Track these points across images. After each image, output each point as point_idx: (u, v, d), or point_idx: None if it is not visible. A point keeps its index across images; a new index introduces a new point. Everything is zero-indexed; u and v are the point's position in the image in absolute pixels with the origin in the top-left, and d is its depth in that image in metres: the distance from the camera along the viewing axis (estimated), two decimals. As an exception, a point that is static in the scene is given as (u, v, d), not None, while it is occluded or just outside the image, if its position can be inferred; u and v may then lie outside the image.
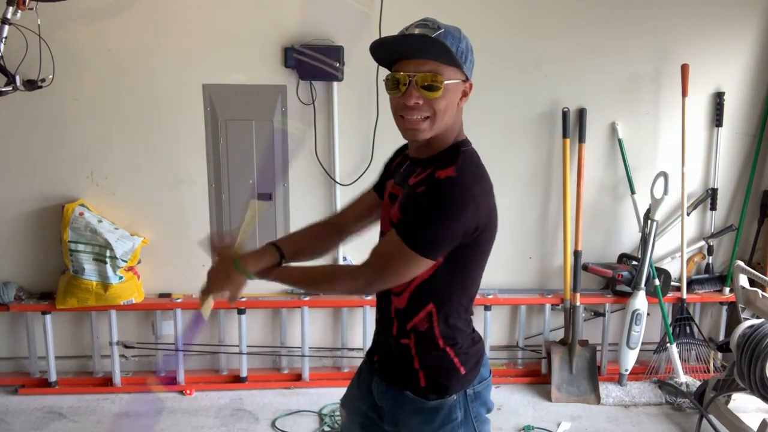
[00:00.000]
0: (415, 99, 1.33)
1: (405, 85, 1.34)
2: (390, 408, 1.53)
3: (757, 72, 3.36)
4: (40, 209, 3.16)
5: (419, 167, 1.43)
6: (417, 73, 1.33)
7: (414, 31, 1.36)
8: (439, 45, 1.32)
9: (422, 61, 1.34)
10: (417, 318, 1.47)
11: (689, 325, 3.40)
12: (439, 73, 1.33)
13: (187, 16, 3.06)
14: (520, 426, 2.98)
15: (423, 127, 1.36)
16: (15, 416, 2.98)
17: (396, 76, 1.35)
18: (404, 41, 1.35)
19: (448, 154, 1.41)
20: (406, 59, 1.35)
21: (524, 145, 3.34)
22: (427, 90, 1.33)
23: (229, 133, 3.18)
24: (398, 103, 1.36)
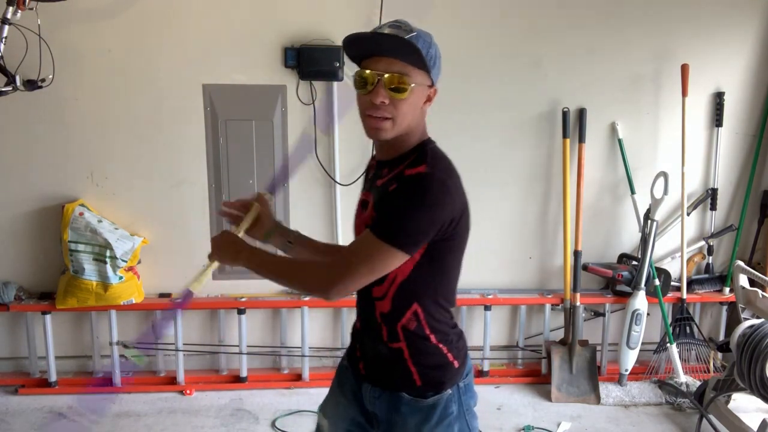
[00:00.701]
0: (382, 98, 1.34)
1: (373, 84, 1.35)
2: (384, 413, 1.51)
3: (757, 72, 3.36)
4: (40, 209, 3.16)
5: (385, 168, 1.45)
6: (386, 73, 1.34)
7: (386, 31, 1.36)
8: (411, 46, 1.33)
9: (392, 60, 1.35)
10: (404, 318, 1.47)
11: (689, 325, 3.40)
12: (407, 74, 1.35)
13: (187, 16, 3.06)
14: (520, 426, 2.98)
15: (385, 126, 1.37)
16: (15, 416, 2.97)
17: (364, 74, 1.36)
18: (378, 39, 1.35)
19: (414, 153, 1.43)
20: (376, 57, 1.36)
21: (524, 145, 3.34)
22: (393, 91, 1.34)
23: (229, 133, 3.18)
24: (365, 100, 1.37)
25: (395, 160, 1.44)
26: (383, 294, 1.46)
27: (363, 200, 1.52)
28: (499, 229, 3.42)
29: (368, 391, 1.53)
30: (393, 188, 1.38)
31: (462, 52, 3.21)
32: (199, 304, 3.26)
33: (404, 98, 1.35)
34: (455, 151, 3.66)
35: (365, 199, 1.51)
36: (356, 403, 1.56)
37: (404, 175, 1.39)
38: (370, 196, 1.47)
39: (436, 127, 3.64)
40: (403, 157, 1.43)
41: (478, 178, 3.34)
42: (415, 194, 1.34)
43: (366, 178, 1.58)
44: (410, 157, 1.42)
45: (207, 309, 3.32)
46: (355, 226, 1.54)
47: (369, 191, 1.50)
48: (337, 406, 1.61)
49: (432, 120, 3.59)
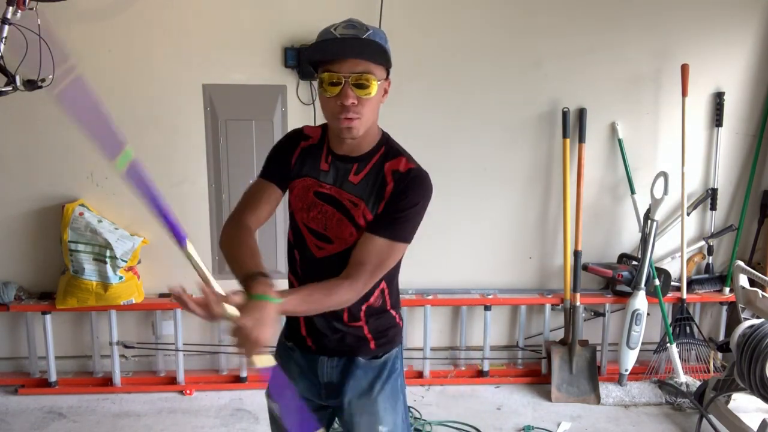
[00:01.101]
0: (352, 99, 1.39)
1: (340, 85, 1.39)
2: (339, 378, 1.61)
3: (757, 72, 3.36)
4: (40, 209, 3.16)
5: (355, 164, 1.51)
6: (352, 74, 1.39)
7: (345, 32, 1.41)
8: (376, 46, 1.40)
9: (356, 61, 1.39)
10: (372, 298, 1.57)
11: (689, 325, 3.40)
12: (370, 72, 1.40)
13: (187, 16, 3.06)
14: (520, 426, 2.98)
15: (356, 125, 1.42)
16: (15, 416, 2.98)
17: (333, 78, 1.39)
18: (348, 43, 1.40)
19: (381, 146, 1.52)
20: (340, 60, 1.39)
21: (524, 145, 3.34)
22: (360, 89, 1.39)
23: (229, 133, 3.18)
24: (333, 103, 1.40)
25: (365, 156, 1.51)
26: None
27: (329, 195, 1.51)
28: (500, 229, 3.42)
29: (325, 363, 1.61)
30: (392, 188, 1.47)
31: (462, 53, 3.21)
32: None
33: (371, 96, 1.41)
34: (455, 150, 3.67)
35: (333, 195, 1.50)
36: (303, 380, 1.63)
37: (396, 172, 1.48)
38: (341, 192, 1.50)
39: (437, 127, 3.65)
40: (373, 151, 1.51)
41: (478, 178, 3.35)
42: (417, 194, 1.47)
43: (295, 163, 1.55)
44: (379, 150, 1.52)
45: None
46: (321, 217, 1.52)
47: (339, 186, 1.50)
48: (284, 387, 1.54)
49: (432, 120, 3.60)
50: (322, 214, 1.52)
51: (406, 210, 1.46)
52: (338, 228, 1.51)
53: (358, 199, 1.49)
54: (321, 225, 1.52)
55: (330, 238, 1.52)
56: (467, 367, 3.49)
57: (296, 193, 1.56)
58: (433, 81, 3.20)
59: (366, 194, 1.49)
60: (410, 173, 1.48)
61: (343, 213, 1.50)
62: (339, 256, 1.51)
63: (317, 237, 1.54)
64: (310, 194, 1.53)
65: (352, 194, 1.50)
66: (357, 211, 1.49)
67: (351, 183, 1.50)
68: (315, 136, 1.58)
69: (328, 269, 1.49)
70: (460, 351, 3.50)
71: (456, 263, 3.42)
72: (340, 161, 1.52)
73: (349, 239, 1.50)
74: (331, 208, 1.51)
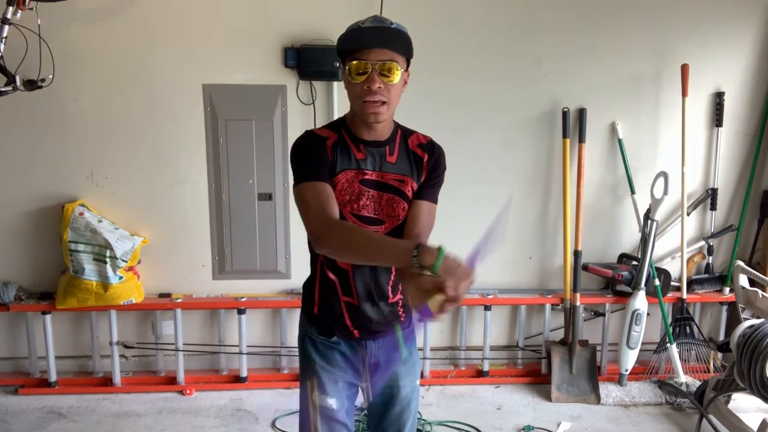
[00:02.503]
0: (378, 84, 1.50)
1: (367, 73, 1.51)
2: (386, 355, 1.74)
3: (757, 72, 3.36)
4: (40, 209, 3.16)
5: (386, 146, 1.64)
6: (378, 62, 1.51)
7: (372, 25, 1.55)
8: (401, 36, 1.55)
9: (383, 51, 1.51)
10: (395, 270, 1.67)
11: (689, 325, 3.40)
12: (395, 61, 1.52)
13: (187, 16, 3.06)
14: (520, 426, 2.98)
15: (382, 110, 1.54)
16: (15, 416, 2.97)
17: (361, 63, 1.51)
18: (373, 33, 1.53)
19: (398, 128, 1.69)
20: (367, 49, 1.51)
21: (524, 145, 3.34)
22: (386, 76, 1.51)
23: (229, 133, 3.18)
24: (362, 88, 1.52)
25: (391, 138, 1.65)
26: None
27: (376, 181, 1.61)
28: (499, 229, 3.41)
29: (371, 346, 1.72)
30: (427, 159, 1.66)
31: (462, 52, 3.21)
32: (199, 304, 3.26)
33: (396, 82, 1.53)
34: (455, 150, 3.66)
35: (378, 180, 1.61)
36: (349, 369, 1.74)
37: (421, 144, 1.68)
38: (385, 174, 1.62)
39: (437, 127, 3.64)
40: (394, 133, 1.66)
41: (478, 177, 3.35)
42: (444, 158, 1.71)
43: (335, 159, 1.60)
44: (398, 132, 1.67)
45: (207, 309, 3.33)
46: (372, 203, 1.62)
47: (380, 170, 1.62)
48: (336, 381, 1.72)
49: (433, 120, 3.60)
50: (371, 200, 1.62)
51: (441, 174, 1.69)
52: (390, 208, 1.63)
53: (403, 176, 1.64)
54: (372, 210, 1.62)
55: (382, 220, 1.63)
56: (467, 367, 3.49)
57: (340, 188, 1.60)
58: (433, 81, 3.20)
59: (408, 170, 1.65)
60: (432, 143, 1.70)
61: (393, 192, 1.63)
62: (391, 234, 1.64)
63: (369, 222, 1.62)
64: (356, 184, 1.61)
65: (395, 173, 1.63)
66: (406, 187, 1.64)
67: (390, 164, 1.63)
68: (331, 135, 1.62)
69: None
70: (460, 351, 3.50)
71: (456, 263, 3.41)
72: (373, 147, 1.62)
73: (402, 215, 1.64)
74: (377, 192, 1.62)
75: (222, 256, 3.28)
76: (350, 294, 1.68)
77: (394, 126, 1.68)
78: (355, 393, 1.79)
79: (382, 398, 1.78)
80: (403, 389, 1.77)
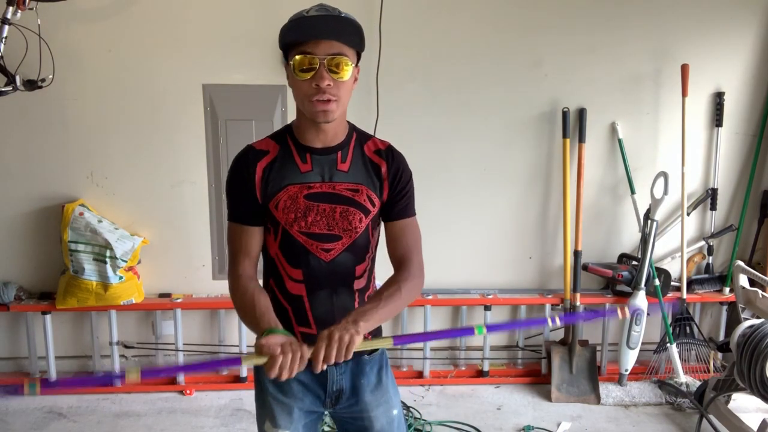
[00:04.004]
0: (328, 80, 1.35)
1: (314, 68, 1.35)
2: (350, 382, 1.57)
3: (757, 72, 3.36)
4: (40, 209, 3.16)
5: (338, 152, 1.48)
6: (327, 56, 1.35)
7: (315, 14, 1.39)
8: (352, 27, 1.39)
9: (331, 43, 1.36)
10: (371, 287, 1.58)
11: (689, 325, 3.40)
12: (345, 54, 1.37)
13: (187, 16, 3.06)
14: (520, 426, 2.98)
15: (332, 108, 1.38)
16: (15, 416, 2.98)
17: (306, 58, 1.35)
18: (319, 23, 1.37)
19: (354, 132, 1.53)
20: (313, 41, 1.35)
21: (524, 145, 3.34)
22: (335, 73, 1.36)
23: (229, 133, 3.18)
24: (309, 86, 1.37)
25: (344, 143, 1.49)
26: (363, 270, 1.54)
27: (327, 193, 1.45)
28: (499, 229, 3.42)
29: (333, 372, 1.55)
30: (386, 167, 1.50)
31: (462, 52, 3.21)
32: (199, 304, 3.26)
33: (345, 80, 1.38)
34: (455, 150, 3.66)
35: (329, 192, 1.46)
36: (308, 396, 1.56)
37: (378, 151, 1.51)
38: (343, 185, 1.47)
39: (437, 126, 3.64)
40: (348, 137, 1.51)
41: (478, 177, 3.35)
42: (407, 166, 1.55)
43: (265, 181, 1.45)
44: (353, 136, 1.52)
45: (207, 309, 3.32)
46: (338, 216, 1.46)
47: (329, 180, 1.46)
48: (290, 412, 1.55)
49: (432, 119, 3.60)
50: (321, 215, 1.46)
51: (408, 184, 1.53)
52: (344, 221, 1.47)
53: (357, 184, 1.48)
54: (324, 226, 1.47)
55: (337, 235, 1.48)
56: (467, 367, 3.49)
57: (282, 207, 1.45)
58: (433, 80, 3.20)
59: (363, 178, 1.49)
60: (392, 150, 1.53)
61: (347, 203, 1.47)
62: (350, 250, 1.50)
63: (322, 240, 1.47)
64: (301, 200, 1.45)
65: (348, 182, 1.48)
66: (360, 197, 1.48)
67: (342, 172, 1.48)
68: (271, 148, 1.49)
69: (341, 268, 1.50)
70: (460, 351, 3.50)
71: (456, 263, 3.42)
72: (322, 154, 1.47)
73: (360, 226, 1.48)
74: (329, 205, 1.46)
75: (222, 256, 3.28)
76: (306, 323, 1.51)
77: (349, 128, 1.52)
78: (316, 419, 1.63)
79: (344, 427, 1.64)
80: (376, 421, 1.58)
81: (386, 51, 3.09)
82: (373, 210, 1.50)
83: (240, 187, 1.48)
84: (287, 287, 1.51)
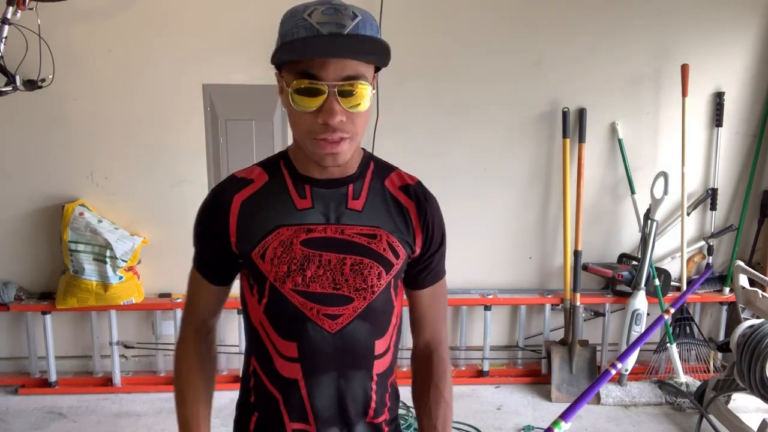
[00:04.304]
0: (340, 116, 0.98)
1: (322, 96, 0.98)
2: None
3: (757, 72, 3.36)
4: (40, 209, 3.16)
5: (350, 185, 1.11)
6: (338, 82, 0.97)
7: (327, 20, 0.96)
8: (381, 46, 0.97)
9: (345, 62, 0.97)
10: (394, 373, 1.21)
11: (689, 325, 3.40)
12: (363, 76, 0.99)
13: (187, 16, 3.06)
14: (520, 426, 2.98)
15: (344, 148, 1.02)
16: (15, 416, 2.97)
17: (313, 85, 0.98)
18: (339, 37, 0.96)
19: (371, 161, 1.17)
20: (319, 58, 0.97)
21: (524, 145, 3.34)
22: (350, 102, 0.99)
23: (229, 133, 3.18)
24: (314, 121, 1.00)
25: (357, 174, 1.12)
26: (386, 346, 1.16)
27: (342, 236, 1.09)
28: (500, 229, 3.41)
29: None
30: (415, 208, 1.14)
31: (462, 52, 3.21)
32: None
33: (365, 109, 1.01)
34: (455, 150, 3.66)
35: (349, 234, 1.10)
36: None
37: (406, 187, 1.15)
38: (355, 228, 1.10)
39: (437, 126, 3.64)
40: (364, 166, 1.14)
41: (478, 178, 3.35)
42: (440, 210, 1.19)
43: (240, 226, 1.11)
44: (369, 166, 1.15)
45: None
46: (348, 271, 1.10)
47: (341, 223, 1.10)
48: None
49: (432, 120, 3.59)
50: (324, 269, 1.08)
51: (444, 236, 1.18)
52: (357, 277, 1.09)
53: (374, 228, 1.10)
54: (329, 283, 1.09)
55: (347, 297, 1.09)
56: (467, 367, 3.49)
57: (271, 256, 1.08)
58: (433, 80, 3.20)
59: (382, 221, 1.11)
60: (423, 189, 1.17)
61: (359, 253, 1.09)
62: (365, 318, 1.11)
63: (326, 302, 1.09)
64: (297, 248, 1.08)
65: (361, 225, 1.10)
66: (379, 245, 1.10)
67: (354, 212, 1.10)
68: (256, 176, 1.16)
69: (353, 343, 1.11)
70: (460, 351, 3.50)
71: (456, 263, 3.38)
72: (327, 187, 1.10)
73: (377, 285, 1.10)
74: (336, 255, 1.09)
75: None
76: (303, 417, 1.13)
77: (363, 156, 1.15)
78: None
79: None
80: None
81: (386, 51, 3.09)
82: (396, 263, 1.12)
83: (207, 226, 1.15)
84: (276, 368, 1.12)
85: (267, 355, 1.13)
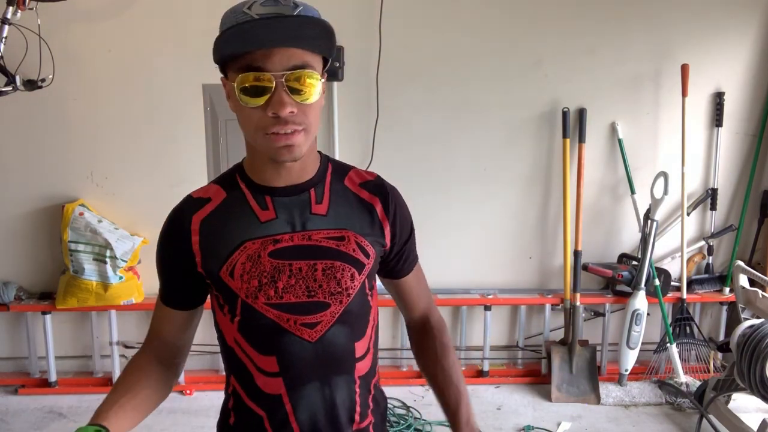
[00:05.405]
0: (290, 107, 0.96)
1: (269, 90, 0.96)
2: None
3: (757, 72, 3.36)
4: (40, 209, 3.17)
5: (311, 190, 1.09)
6: (287, 72, 0.95)
7: (267, 11, 0.95)
8: (320, 26, 0.96)
9: (290, 51, 0.95)
10: (376, 374, 1.19)
11: (689, 325, 3.40)
12: (311, 65, 0.97)
13: (187, 16, 3.06)
14: (520, 426, 2.98)
15: (299, 141, 0.99)
16: (15, 416, 2.98)
17: (260, 78, 0.95)
18: (278, 23, 0.93)
19: (329, 162, 1.14)
20: (263, 50, 0.94)
21: (524, 145, 3.34)
22: (299, 93, 0.96)
23: (229, 133, 3.18)
24: (263, 115, 0.97)
25: (316, 177, 1.10)
26: (366, 347, 1.14)
27: (310, 242, 1.07)
28: (500, 229, 3.41)
29: None
30: (381, 205, 1.13)
31: (462, 52, 3.21)
32: None
33: (314, 100, 0.98)
34: (455, 150, 3.66)
35: (317, 239, 1.07)
36: None
37: (366, 184, 1.14)
38: (322, 233, 1.08)
39: (437, 126, 3.64)
40: (323, 168, 1.12)
41: (478, 178, 3.35)
42: (404, 201, 1.19)
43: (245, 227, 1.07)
44: (327, 168, 1.13)
45: (206, 309, 3.31)
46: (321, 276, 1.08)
47: (304, 230, 1.07)
48: None
49: (432, 120, 3.59)
50: (296, 277, 1.06)
51: (411, 226, 1.20)
52: (330, 281, 1.07)
53: (341, 230, 1.09)
54: (302, 292, 1.06)
55: (323, 303, 1.07)
56: (467, 367, 3.49)
57: (240, 272, 1.06)
58: (433, 81, 3.20)
59: (348, 222, 1.09)
60: (384, 184, 1.16)
61: (330, 257, 1.07)
62: (344, 321, 1.09)
63: (302, 311, 1.07)
64: (265, 260, 1.05)
65: (328, 228, 1.08)
66: (348, 246, 1.08)
67: (319, 216, 1.08)
68: (213, 194, 1.13)
69: (334, 348, 1.09)
70: (460, 351, 3.50)
71: (456, 263, 3.42)
72: (289, 195, 1.08)
73: (351, 287, 1.09)
74: (306, 262, 1.07)
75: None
76: (293, 417, 1.10)
77: (321, 159, 1.13)
78: None
79: None
80: None
81: (386, 51, 3.08)
82: (368, 262, 1.11)
83: (169, 250, 1.12)
84: (258, 385, 1.09)
85: (247, 373, 1.10)
